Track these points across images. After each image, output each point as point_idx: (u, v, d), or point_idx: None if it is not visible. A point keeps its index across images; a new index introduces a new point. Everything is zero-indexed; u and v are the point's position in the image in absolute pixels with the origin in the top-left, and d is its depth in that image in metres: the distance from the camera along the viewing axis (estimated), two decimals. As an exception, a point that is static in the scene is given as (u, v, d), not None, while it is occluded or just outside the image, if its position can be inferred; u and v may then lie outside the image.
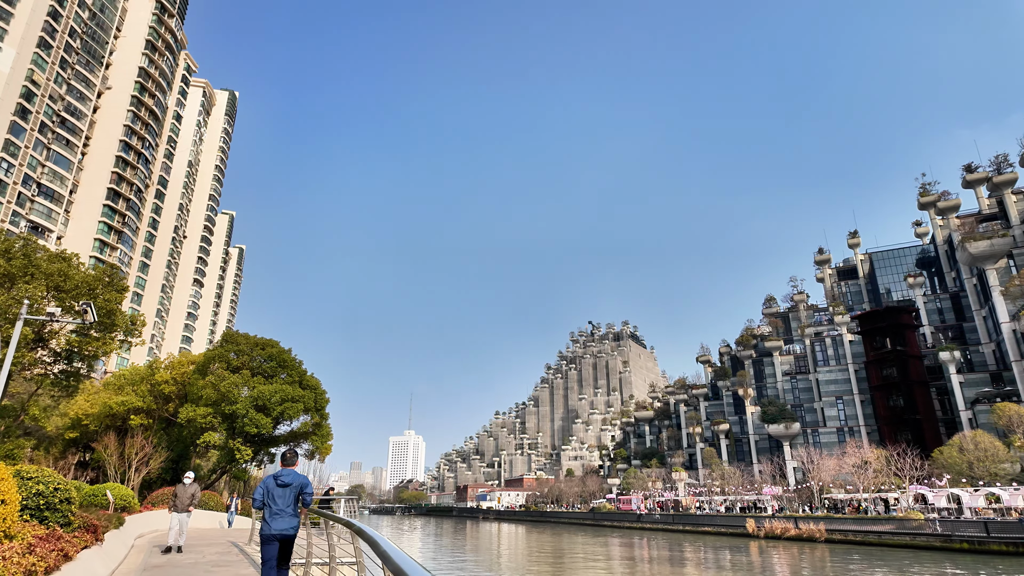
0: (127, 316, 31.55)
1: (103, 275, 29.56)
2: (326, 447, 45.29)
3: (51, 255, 29.28)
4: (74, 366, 30.90)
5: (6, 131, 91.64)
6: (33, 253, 27.61)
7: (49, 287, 26.81)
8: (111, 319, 29.56)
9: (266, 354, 43.09)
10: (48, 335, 28.46)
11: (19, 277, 24.79)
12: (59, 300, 27.02)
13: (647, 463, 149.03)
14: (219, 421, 39.86)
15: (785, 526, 70.66)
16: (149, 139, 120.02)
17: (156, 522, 24.61)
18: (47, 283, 26.57)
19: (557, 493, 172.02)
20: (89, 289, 28.26)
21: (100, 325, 29.18)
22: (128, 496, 23.05)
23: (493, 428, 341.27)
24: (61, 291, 27.19)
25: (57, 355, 30.14)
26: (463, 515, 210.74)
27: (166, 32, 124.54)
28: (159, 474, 44.91)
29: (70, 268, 27.53)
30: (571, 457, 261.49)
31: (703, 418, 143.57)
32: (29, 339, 25.39)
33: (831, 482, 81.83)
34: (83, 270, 29.09)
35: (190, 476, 19.40)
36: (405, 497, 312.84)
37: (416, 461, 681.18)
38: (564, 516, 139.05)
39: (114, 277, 30.48)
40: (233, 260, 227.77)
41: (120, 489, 22.95)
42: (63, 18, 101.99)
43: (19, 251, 26.15)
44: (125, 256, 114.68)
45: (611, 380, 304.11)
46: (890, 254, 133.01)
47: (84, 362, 31.16)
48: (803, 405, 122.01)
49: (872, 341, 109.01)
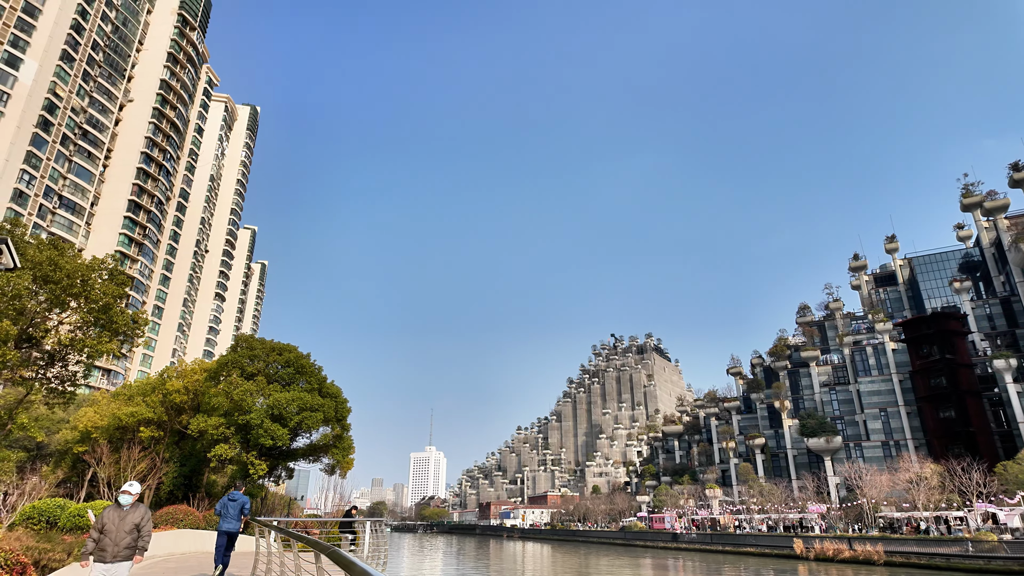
0: (128, 313, 28.73)
1: (97, 264, 26.85)
2: (348, 461, 41.96)
3: (40, 242, 26.67)
4: (70, 370, 28.11)
5: (28, 143, 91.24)
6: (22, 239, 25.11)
7: (37, 277, 24.13)
8: (107, 315, 26.72)
9: (283, 360, 40.06)
10: (38, 332, 25.71)
11: None
12: (49, 292, 24.35)
13: (678, 479, 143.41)
14: (232, 432, 36.80)
15: (837, 547, 65.51)
16: (170, 152, 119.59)
17: (155, 547, 21.39)
18: (35, 272, 23.93)
19: (584, 511, 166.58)
20: (83, 280, 25.51)
21: (96, 322, 26.44)
22: (117, 515, 20.10)
23: (515, 444, 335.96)
24: (50, 281, 24.49)
25: (51, 356, 27.39)
26: (486, 533, 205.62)
27: (188, 45, 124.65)
28: (170, 490, 41.97)
29: (61, 257, 24.81)
30: (596, 473, 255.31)
31: (736, 432, 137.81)
32: (11, 336, 22.65)
33: (884, 499, 76.32)
34: (78, 259, 26.40)
35: (130, 493, 10.63)
36: (427, 514, 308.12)
37: (437, 477, 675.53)
38: (593, 535, 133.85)
39: (113, 268, 27.73)
40: (255, 275, 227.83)
41: (109, 507, 20.03)
42: (86, 31, 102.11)
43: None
44: (146, 269, 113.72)
45: (635, 394, 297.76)
46: (931, 258, 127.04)
47: (80, 365, 28.35)
48: (844, 418, 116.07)
49: (918, 349, 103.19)
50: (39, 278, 24.19)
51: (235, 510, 16.00)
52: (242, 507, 16.10)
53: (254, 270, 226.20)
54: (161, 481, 42.83)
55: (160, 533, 23.16)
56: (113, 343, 27.10)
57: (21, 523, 19.49)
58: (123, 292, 28.03)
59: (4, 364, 22.95)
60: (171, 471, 43.26)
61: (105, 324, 26.82)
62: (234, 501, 16.11)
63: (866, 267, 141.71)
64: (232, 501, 16.10)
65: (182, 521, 26.96)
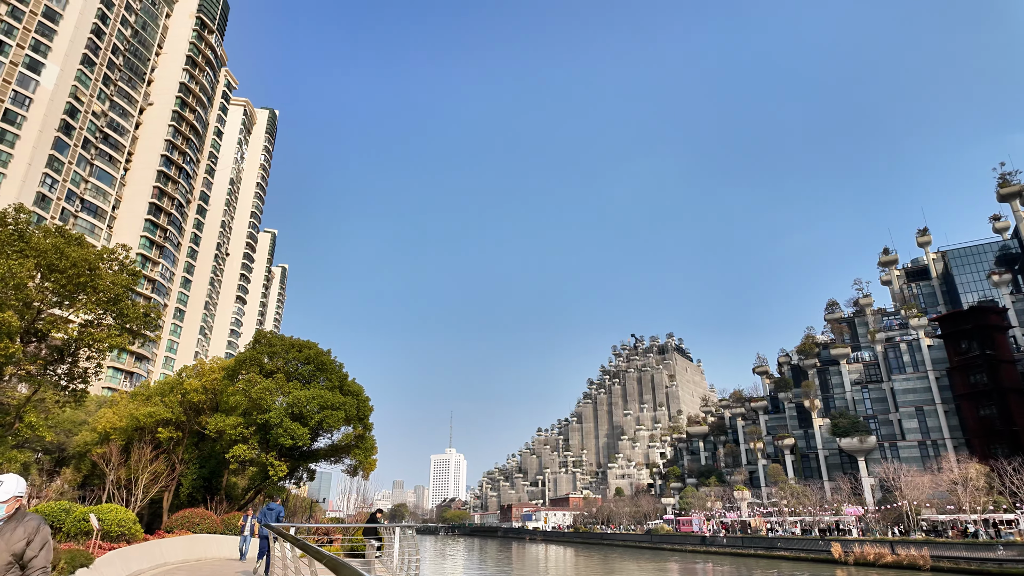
0: (140, 306, 27.49)
1: (107, 253, 25.60)
2: (370, 462, 40.46)
3: (46, 229, 25.49)
4: (80, 366, 26.91)
5: (50, 147, 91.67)
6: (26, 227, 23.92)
7: (41, 265, 22.89)
8: (117, 306, 25.42)
9: (303, 356, 38.69)
10: (44, 325, 24.48)
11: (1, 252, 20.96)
12: (55, 282, 23.11)
13: (704, 481, 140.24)
14: (251, 432, 35.49)
15: (879, 551, 62.60)
16: (190, 154, 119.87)
17: (167, 553, 19.95)
18: (38, 260, 22.66)
19: (607, 513, 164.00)
20: (90, 269, 24.24)
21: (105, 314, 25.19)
22: (127, 520, 18.65)
23: (536, 445, 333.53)
24: (55, 270, 23.24)
25: (60, 352, 26.19)
26: (508, 536, 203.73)
27: (206, 48, 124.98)
28: (189, 492, 40.85)
29: (68, 244, 23.53)
30: (618, 475, 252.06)
31: (764, 432, 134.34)
32: (14, 328, 21.41)
33: (926, 501, 73.04)
34: (86, 248, 25.14)
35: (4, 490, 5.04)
36: (448, 517, 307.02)
37: (458, 479, 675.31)
38: (618, 538, 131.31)
39: (125, 258, 26.43)
40: (276, 279, 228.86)
41: (117, 512, 18.60)
42: (106, 35, 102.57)
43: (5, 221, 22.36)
44: (167, 271, 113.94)
45: (657, 395, 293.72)
46: (967, 251, 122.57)
47: (92, 361, 27.12)
48: (877, 417, 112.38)
49: (956, 345, 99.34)
50: (44, 267, 23.01)
51: (272, 518, 20.49)
52: (278, 515, 20.68)
53: (275, 273, 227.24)
54: (180, 483, 41.75)
55: (175, 538, 21.81)
56: (124, 337, 25.87)
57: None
58: (133, 283, 26.78)
59: (8, 359, 21.78)
60: (190, 473, 42.17)
61: (116, 317, 25.57)
62: (271, 510, 20.86)
63: (897, 262, 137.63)
64: (270, 510, 20.90)
65: (198, 525, 25.65)
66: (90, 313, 25.28)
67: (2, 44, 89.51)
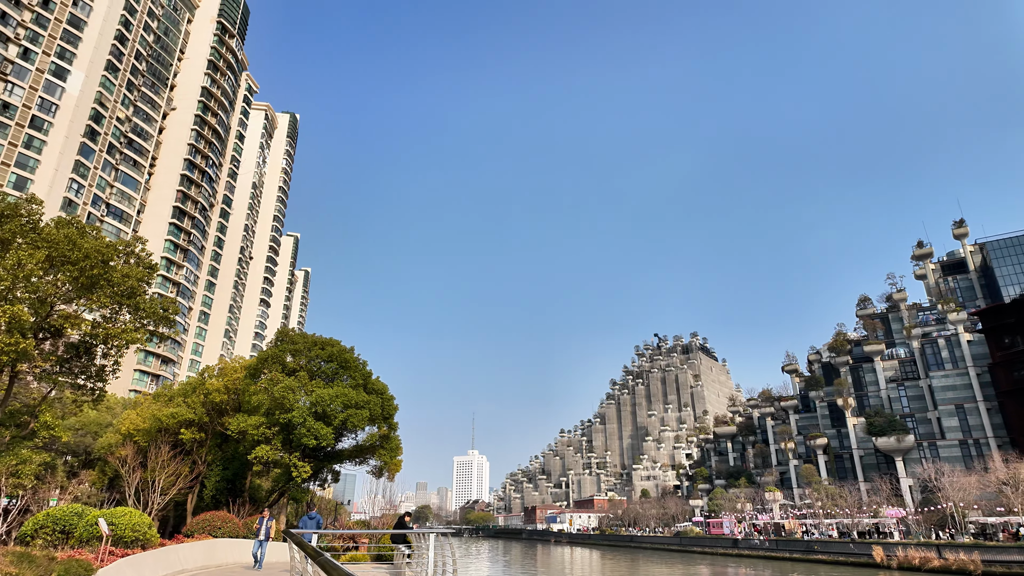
0: (156, 300, 26.57)
1: (120, 245, 24.71)
2: (395, 463, 39.29)
3: (60, 220, 24.68)
4: (97, 364, 26.07)
5: (76, 153, 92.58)
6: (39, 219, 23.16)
7: (53, 257, 22.05)
8: (133, 300, 24.50)
9: (325, 354, 37.68)
10: (57, 320, 23.64)
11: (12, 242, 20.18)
12: (67, 274, 22.27)
13: (733, 482, 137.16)
14: (274, 432, 34.53)
15: (925, 555, 59.78)
16: (212, 157, 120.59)
17: (185, 560, 18.72)
18: (50, 251, 21.83)
19: (633, 515, 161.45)
20: (103, 261, 23.35)
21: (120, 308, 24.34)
22: (141, 525, 17.57)
23: (559, 447, 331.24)
24: (68, 262, 22.39)
25: (75, 348, 25.38)
26: (533, 538, 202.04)
27: (227, 52, 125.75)
28: (213, 494, 40.10)
29: (81, 235, 22.68)
30: (643, 477, 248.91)
31: (794, 432, 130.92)
32: (27, 323, 20.53)
33: (973, 503, 69.82)
34: (99, 238, 24.26)
35: None
36: (472, 518, 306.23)
37: (480, 481, 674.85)
38: (645, 541, 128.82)
39: (142, 251, 25.54)
40: (299, 283, 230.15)
41: (131, 516, 17.53)
42: (129, 41, 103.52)
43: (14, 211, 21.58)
44: (191, 275, 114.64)
45: (682, 395, 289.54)
46: (1007, 243, 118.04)
47: (109, 359, 26.27)
48: (915, 415, 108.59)
49: (998, 340, 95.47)
50: (56, 258, 22.17)
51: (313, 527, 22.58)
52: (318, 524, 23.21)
53: (298, 277, 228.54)
54: (204, 485, 41.04)
55: (194, 543, 20.74)
56: (141, 332, 24.99)
57: (32, 534, 17.22)
58: (149, 277, 25.88)
59: (20, 355, 20.93)
60: (214, 475, 41.44)
61: (131, 312, 24.71)
62: (312, 519, 23.29)
63: (932, 255, 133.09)
64: (311, 519, 23.31)
65: (220, 529, 24.65)
66: (105, 308, 24.42)
67: (28, 52, 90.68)
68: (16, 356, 20.50)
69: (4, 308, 19.50)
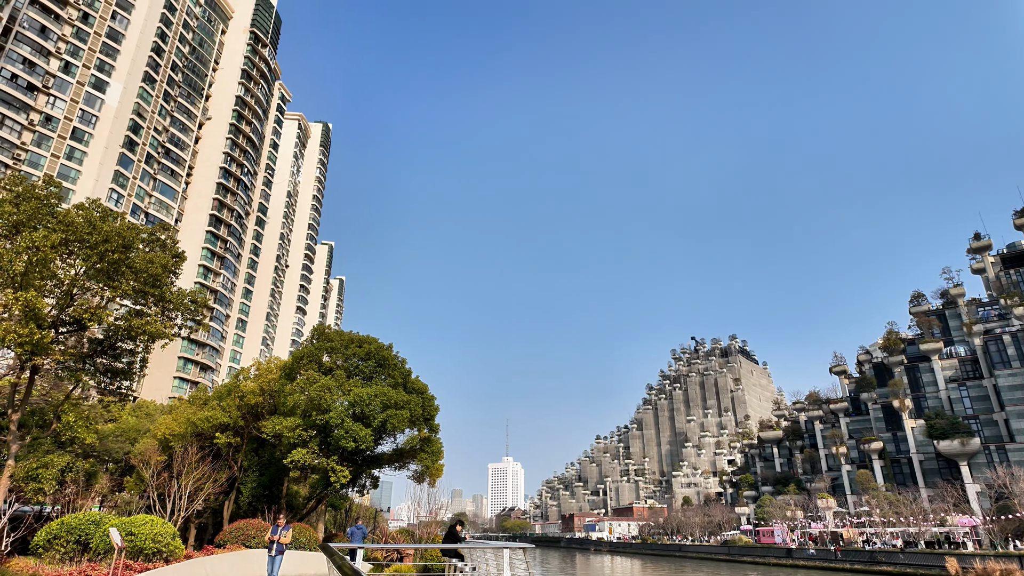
0: (184, 292, 25.13)
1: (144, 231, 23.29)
2: (437, 468, 37.24)
3: (79, 204, 23.33)
4: (122, 360, 24.64)
5: (115, 163, 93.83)
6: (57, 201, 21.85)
7: (70, 239, 20.63)
8: (157, 290, 22.94)
9: (363, 352, 35.91)
10: (77, 310, 22.15)
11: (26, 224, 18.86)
12: (85, 259, 20.91)
13: (781, 489, 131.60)
14: (311, 435, 32.84)
15: (1006, 567, 55.11)
16: (248, 166, 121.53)
17: (214, 572, 16.76)
18: (66, 233, 20.42)
19: (676, 523, 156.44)
20: (125, 246, 21.83)
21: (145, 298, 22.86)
22: (164, 535, 15.75)
23: (595, 453, 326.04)
24: (86, 246, 20.97)
25: (99, 343, 23.99)
26: (571, 546, 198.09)
27: (260, 62, 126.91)
28: (249, 500, 38.63)
29: (101, 219, 21.24)
30: (683, 484, 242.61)
31: (846, 436, 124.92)
32: (41, 311, 19.03)
33: (1055, 510, 64.48)
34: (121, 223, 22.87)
35: None
36: (508, 526, 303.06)
37: (516, 488, 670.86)
38: (691, 550, 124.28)
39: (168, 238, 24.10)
40: (334, 291, 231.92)
41: (152, 525, 15.73)
42: (165, 52, 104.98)
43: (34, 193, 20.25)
44: (228, 282, 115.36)
45: (722, 399, 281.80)
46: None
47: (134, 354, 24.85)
48: (979, 417, 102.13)
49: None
50: (73, 242, 20.76)
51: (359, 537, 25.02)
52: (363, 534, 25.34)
53: (333, 285, 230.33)
54: (240, 491, 39.62)
55: (224, 554, 18.88)
56: (169, 326, 23.51)
57: (45, 545, 15.59)
58: (171, 263, 24.38)
59: (36, 347, 19.41)
60: (250, 480, 40.05)
61: (156, 302, 23.22)
62: (359, 530, 25.58)
63: (990, 247, 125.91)
64: (358, 529, 25.54)
65: (254, 539, 22.84)
66: (128, 297, 22.98)
67: (69, 65, 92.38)
68: (32, 349, 19.08)
69: (18, 295, 18.15)
